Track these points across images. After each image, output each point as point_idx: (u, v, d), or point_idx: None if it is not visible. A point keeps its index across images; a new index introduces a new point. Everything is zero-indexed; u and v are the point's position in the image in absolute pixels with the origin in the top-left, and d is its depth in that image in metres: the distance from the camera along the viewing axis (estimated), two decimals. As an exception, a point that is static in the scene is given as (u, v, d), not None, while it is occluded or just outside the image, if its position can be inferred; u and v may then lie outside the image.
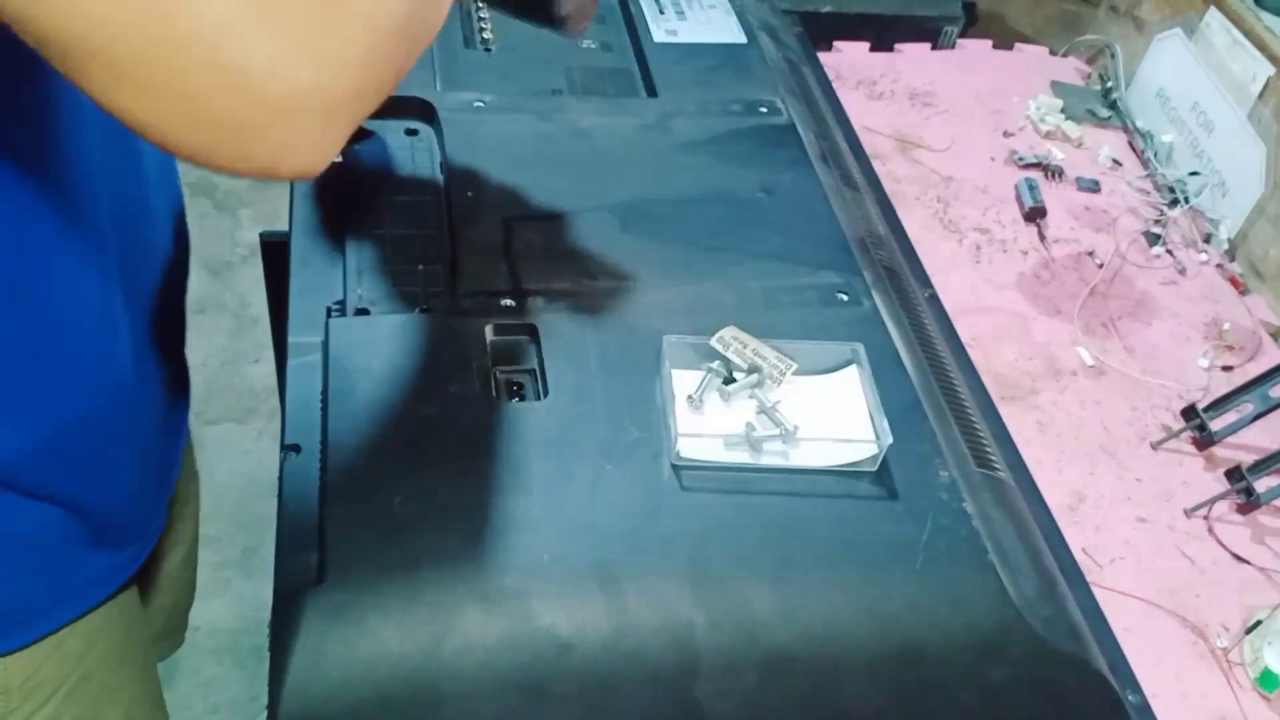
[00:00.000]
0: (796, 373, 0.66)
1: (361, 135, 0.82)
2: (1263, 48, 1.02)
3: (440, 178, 0.79)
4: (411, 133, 0.83)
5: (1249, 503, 0.80)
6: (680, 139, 0.84)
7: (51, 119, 0.52)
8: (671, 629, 0.55)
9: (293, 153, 0.40)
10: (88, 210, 0.56)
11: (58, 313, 0.56)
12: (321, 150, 0.41)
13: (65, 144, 0.53)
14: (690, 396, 0.64)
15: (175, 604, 0.96)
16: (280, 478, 0.60)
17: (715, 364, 0.65)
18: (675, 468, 0.61)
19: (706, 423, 0.63)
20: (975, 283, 0.97)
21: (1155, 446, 0.85)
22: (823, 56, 1.16)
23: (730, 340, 0.66)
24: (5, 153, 0.49)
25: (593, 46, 0.94)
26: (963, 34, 1.24)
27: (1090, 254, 1.01)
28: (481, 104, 0.85)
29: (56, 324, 0.56)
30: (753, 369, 0.65)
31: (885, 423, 0.63)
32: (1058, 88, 1.18)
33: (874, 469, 0.63)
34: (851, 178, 0.90)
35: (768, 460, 0.63)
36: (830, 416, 0.65)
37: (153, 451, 0.71)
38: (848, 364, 0.67)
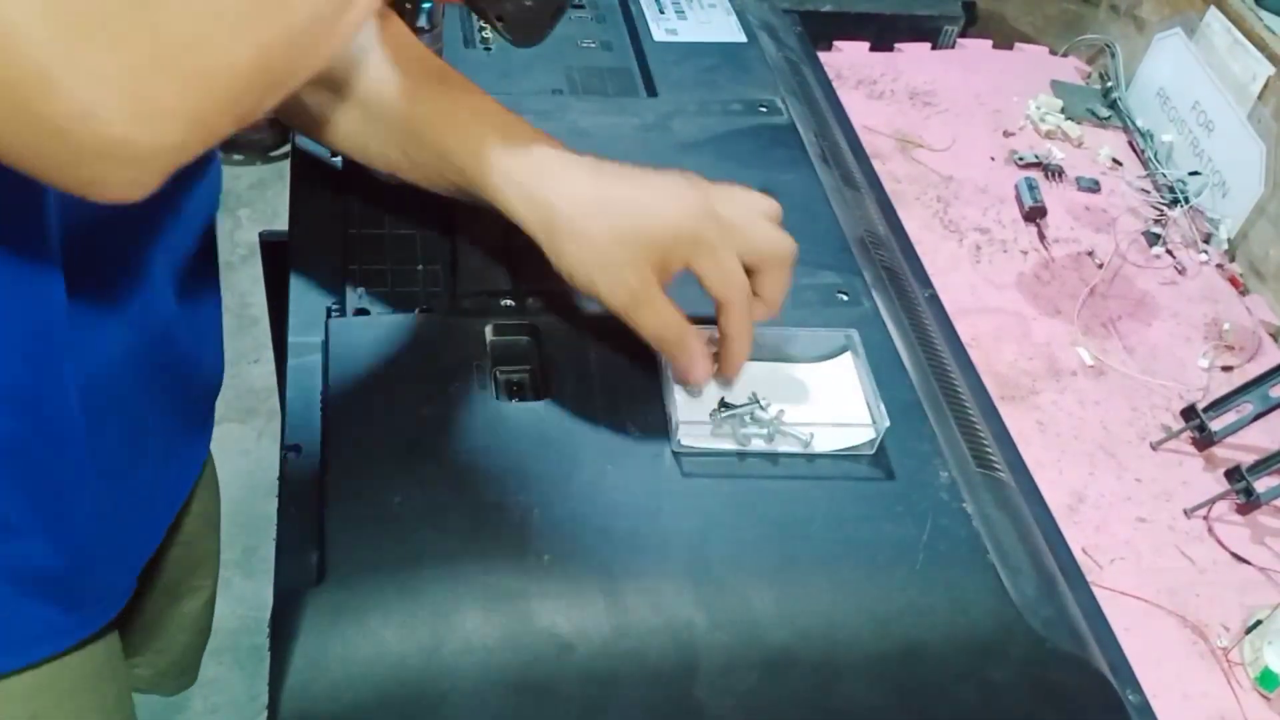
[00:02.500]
0: (791, 360, 0.66)
1: None
2: (1263, 48, 1.02)
3: (440, 177, 0.79)
4: (411, 132, 0.83)
5: (1249, 503, 0.80)
6: (680, 139, 0.84)
7: None
8: (671, 628, 0.55)
9: (103, 188, 0.40)
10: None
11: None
12: (136, 188, 0.41)
13: None
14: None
15: (191, 643, 0.96)
16: (280, 478, 0.60)
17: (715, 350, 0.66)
18: (676, 455, 0.61)
19: (706, 410, 0.63)
20: (975, 283, 0.97)
21: (1155, 447, 0.85)
22: (823, 56, 1.16)
23: None
24: None
25: (593, 46, 0.94)
26: (963, 34, 1.24)
27: (1090, 254, 1.01)
28: (481, 104, 0.84)
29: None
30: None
31: (882, 406, 0.63)
32: (1058, 87, 1.18)
33: (872, 452, 0.63)
34: (852, 178, 0.90)
35: (767, 446, 0.63)
36: (827, 402, 0.65)
37: (114, 510, 0.66)
38: (842, 350, 0.67)
